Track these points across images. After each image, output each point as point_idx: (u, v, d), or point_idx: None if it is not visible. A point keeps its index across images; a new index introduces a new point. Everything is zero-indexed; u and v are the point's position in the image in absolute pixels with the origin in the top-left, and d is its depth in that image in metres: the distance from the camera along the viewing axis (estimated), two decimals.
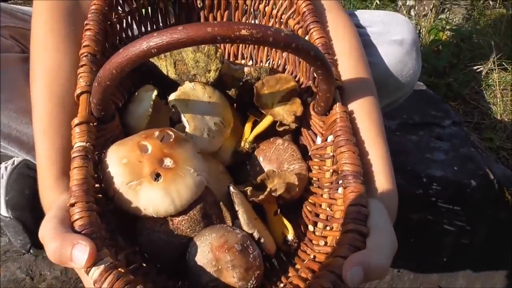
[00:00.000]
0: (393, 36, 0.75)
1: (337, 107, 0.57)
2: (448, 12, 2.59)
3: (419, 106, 1.31)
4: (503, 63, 1.89)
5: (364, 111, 0.58)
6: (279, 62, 0.73)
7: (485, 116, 1.79)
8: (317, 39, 0.62)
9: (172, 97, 0.59)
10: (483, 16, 2.47)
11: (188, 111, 0.59)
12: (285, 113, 0.61)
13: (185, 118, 0.58)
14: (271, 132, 0.65)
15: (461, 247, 1.13)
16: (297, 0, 0.66)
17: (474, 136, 1.67)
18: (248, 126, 0.65)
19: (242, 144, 0.63)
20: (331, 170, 0.56)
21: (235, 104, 0.69)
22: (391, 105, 0.84)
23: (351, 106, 0.59)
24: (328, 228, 0.52)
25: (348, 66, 0.61)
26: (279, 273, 0.53)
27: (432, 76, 1.93)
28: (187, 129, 0.58)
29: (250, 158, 0.64)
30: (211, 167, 0.59)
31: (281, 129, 0.63)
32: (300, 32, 0.67)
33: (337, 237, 0.47)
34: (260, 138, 0.65)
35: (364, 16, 0.79)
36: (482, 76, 1.89)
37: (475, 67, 1.87)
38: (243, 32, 0.43)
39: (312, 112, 0.60)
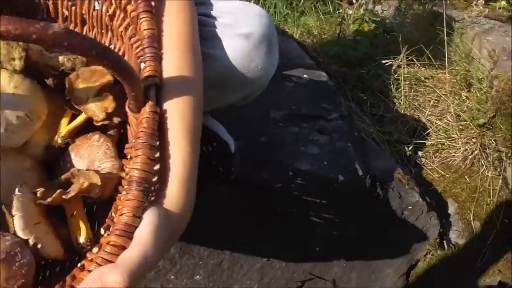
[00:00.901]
0: (241, 30, 0.71)
1: (147, 107, 0.54)
2: (381, 3, 2.63)
3: (312, 98, 1.32)
4: (413, 59, 1.95)
5: (177, 112, 0.56)
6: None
7: (390, 109, 1.84)
8: (144, 30, 0.59)
9: None
10: (412, 10, 2.51)
11: None
12: (97, 109, 0.58)
13: None
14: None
15: (333, 238, 1.17)
16: None
17: (375, 128, 1.73)
18: (65, 120, 0.61)
19: (56, 138, 0.60)
20: None
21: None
22: (244, 100, 0.82)
23: (166, 106, 0.56)
24: (106, 234, 0.50)
25: (172, 61, 0.59)
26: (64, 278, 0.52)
27: (344, 66, 1.96)
28: None
29: (64, 154, 0.61)
30: (10, 165, 0.56)
31: (98, 124, 0.60)
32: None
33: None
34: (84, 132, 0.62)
35: (218, 5, 0.76)
36: (392, 70, 1.94)
37: (387, 61, 1.90)
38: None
39: (127, 109, 0.58)
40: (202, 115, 0.59)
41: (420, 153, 1.74)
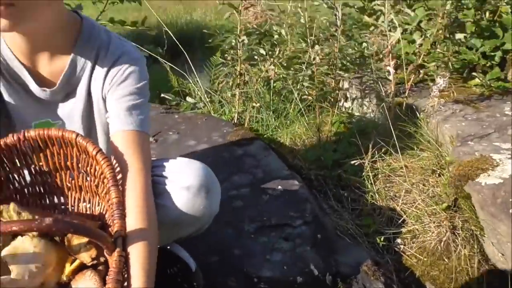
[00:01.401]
0: (183, 184, 0.99)
1: (115, 253, 0.82)
2: (366, 98, 2.96)
3: (281, 207, 1.58)
4: (382, 154, 2.21)
5: (137, 255, 0.83)
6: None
7: (367, 203, 2.06)
8: (113, 198, 0.90)
9: (4, 252, 0.85)
10: (383, 104, 2.80)
11: (14, 262, 0.84)
12: (86, 256, 0.87)
13: (10, 267, 0.83)
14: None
15: None
16: (104, 169, 0.93)
17: (354, 223, 1.94)
18: (67, 264, 0.90)
19: (62, 277, 0.88)
20: None
21: None
22: (198, 231, 1.09)
23: (129, 250, 0.84)
24: None
25: (133, 221, 0.88)
26: None
27: (324, 169, 2.23)
28: (12, 275, 0.83)
29: (67, 286, 0.88)
30: None
31: (90, 264, 0.88)
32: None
33: None
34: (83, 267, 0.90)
35: (169, 165, 1.04)
36: (367, 166, 2.19)
37: (355, 161, 2.15)
38: (14, 228, 0.69)
39: (105, 253, 0.86)
40: (156, 252, 0.86)
41: (399, 241, 1.92)
